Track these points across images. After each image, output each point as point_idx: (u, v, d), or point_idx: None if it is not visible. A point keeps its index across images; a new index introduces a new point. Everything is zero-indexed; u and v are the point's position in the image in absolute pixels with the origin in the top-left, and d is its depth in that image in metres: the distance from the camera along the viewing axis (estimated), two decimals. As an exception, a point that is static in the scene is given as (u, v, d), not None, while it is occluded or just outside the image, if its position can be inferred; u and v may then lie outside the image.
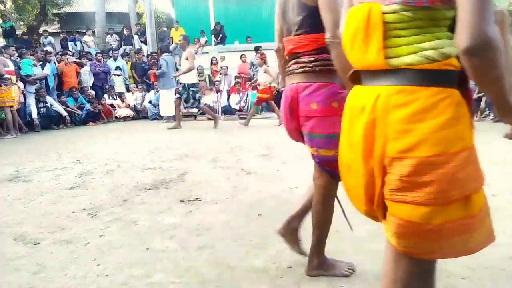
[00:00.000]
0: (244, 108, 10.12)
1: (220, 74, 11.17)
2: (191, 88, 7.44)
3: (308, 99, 1.60)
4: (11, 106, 7.38)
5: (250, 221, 2.55)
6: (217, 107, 10.22)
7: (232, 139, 5.92)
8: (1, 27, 12.92)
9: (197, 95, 7.56)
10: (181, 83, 7.64)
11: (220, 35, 13.08)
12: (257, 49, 11.40)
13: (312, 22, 1.53)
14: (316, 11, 1.49)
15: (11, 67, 7.60)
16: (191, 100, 7.52)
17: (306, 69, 1.60)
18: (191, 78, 7.47)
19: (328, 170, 1.69)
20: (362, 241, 2.16)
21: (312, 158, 1.74)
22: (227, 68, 11.30)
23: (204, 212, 2.75)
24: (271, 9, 17.46)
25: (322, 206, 1.76)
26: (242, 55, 11.73)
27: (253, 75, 11.17)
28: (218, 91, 10.57)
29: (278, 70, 2.05)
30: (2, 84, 7.25)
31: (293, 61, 1.67)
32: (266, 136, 6.18)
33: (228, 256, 2.06)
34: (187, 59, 7.35)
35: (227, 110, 10.23)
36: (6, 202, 3.15)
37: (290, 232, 1.95)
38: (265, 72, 7.97)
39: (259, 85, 8.09)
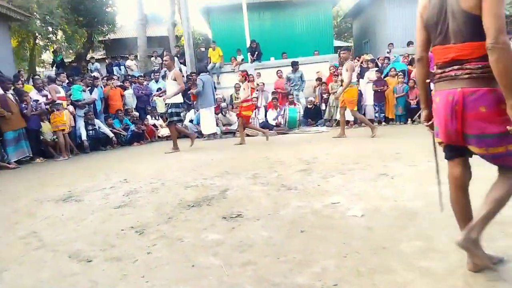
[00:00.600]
0: (282, 123, 10.16)
1: (257, 90, 11.31)
2: (174, 109, 7.13)
3: (476, 103, 1.68)
4: (63, 130, 7.87)
5: (293, 237, 2.54)
6: (255, 123, 10.34)
7: (271, 155, 5.94)
8: (53, 60, 13.93)
9: (181, 114, 7.33)
10: (166, 103, 7.36)
11: (256, 52, 13.31)
12: (294, 64, 11.51)
13: (475, 30, 1.63)
14: (479, 19, 1.59)
15: (62, 93, 8.15)
16: (172, 118, 7.19)
17: (473, 75, 1.68)
18: (175, 98, 7.11)
19: (502, 164, 1.78)
20: (411, 258, 2.09)
21: (482, 157, 1.81)
22: (263, 84, 11.44)
23: (247, 228, 2.77)
24: (304, 25, 17.62)
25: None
26: (278, 70, 11.86)
27: (290, 90, 11.24)
28: (255, 107, 10.70)
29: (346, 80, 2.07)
30: (54, 110, 7.77)
31: (455, 67, 1.74)
32: (305, 150, 6.16)
33: (272, 273, 2.06)
34: (175, 80, 7.05)
35: (265, 126, 10.31)
36: (60, 221, 3.34)
37: (472, 243, 1.77)
38: (244, 89, 7.86)
39: (243, 102, 7.85)
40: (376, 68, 10.23)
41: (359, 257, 2.16)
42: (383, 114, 9.93)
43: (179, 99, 7.26)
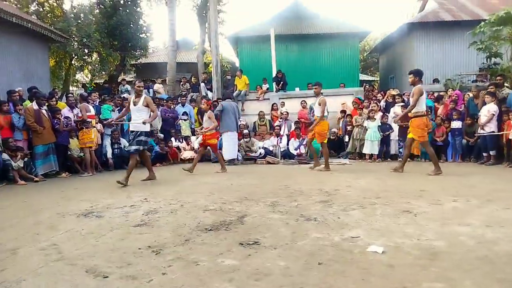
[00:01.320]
0: (304, 153, 10.13)
1: (281, 119, 11.40)
2: (143, 137, 6.40)
3: None
4: (90, 147, 8.11)
5: (310, 269, 2.48)
6: (276, 151, 10.35)
7: (292, 184, 5.91)
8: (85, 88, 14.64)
9: (144, 144, 6.49)
10: (132, 131, 6.53)
11: (281, 82, 13.50)
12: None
13: None
14: None
15: (92, 112, 8.46)
16: (133, 146, 6.39)
17: None
18: (145, 126, 6.37)
19: None
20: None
21: None
22: (287, 113, 11.53)
23: (263, 256, 2.73)
24: (330, 58, 17.85)
25: None
26: (302, 101, 11.95)
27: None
28: (277, 135, 10.76)
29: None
30: (84, 127, 8.05)
31: None
32: (326, 181, 6.09)
33: (287, 304, 2.01)
34: (146, 106, 6.38)
35: (287, 154, 10.31)
36: (80, 236, 3.39)
37: None
38: (209, 118, 7.82)
39: (206, 131, 7.78)
40: (402, 103, 10.15)
41: (378, 294, 2.09)
42: (408, 150, 9.76)
43: (148, 127, 6.47)
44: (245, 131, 10.59)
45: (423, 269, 2.41)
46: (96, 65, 18.17)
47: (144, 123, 6.27)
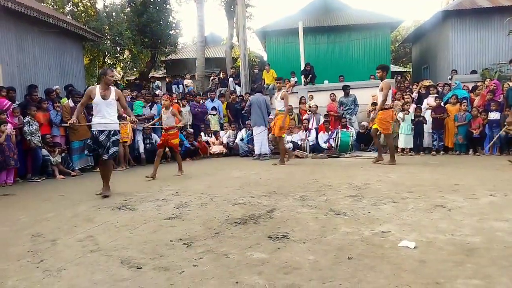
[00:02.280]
0: (333, 146, 10.00)
1: (309, 112, 11.30)
2: (116, 136, 5.18)
3: None
4: (125, 142, 8.35)
5: (340, 263, 2.47)
6: (305, 145, 10.29)
7: (320, 178, 5.86)
8: (117, 85, 15.07)
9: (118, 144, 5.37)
10: (101, 130, 5.08)
11: (310, 75, 13.36)
12: (344, 88, 11.40)
13: None
14: None
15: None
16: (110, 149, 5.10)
17: None
18: (117, 124, 5.27)
19: None
20: (467, 297, 1.94)
21: None
22: (316, 107, 11.41)
23: (292, 250, 2.73)
24: (360, 49, 17.45)
25: None
26: (331, 94, 11.80)
27: (343, 113, 11.11)
28: (306, 129, 10.68)
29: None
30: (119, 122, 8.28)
31: None
32: (356, 175, 6.00)
33: (316, 298, 2.01)
34: (118, 100, 5.24)
35: (315, 148, 10.22)
36: (115, 228, 3.52)
37: None
38: (173, 115, 7.06)
39: (168, 130, 7.04)
40: (436, 95, 9.82)
41: (410, 290, 2.05)
42: (442, 143, 9.44)
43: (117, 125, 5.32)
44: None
45: (458, 265, 2.34)
46: (128, 62, 18.64)
47: (138, 122, 5.52)
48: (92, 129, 5.11)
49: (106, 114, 5.07)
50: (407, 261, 2.44)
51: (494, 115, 8.80)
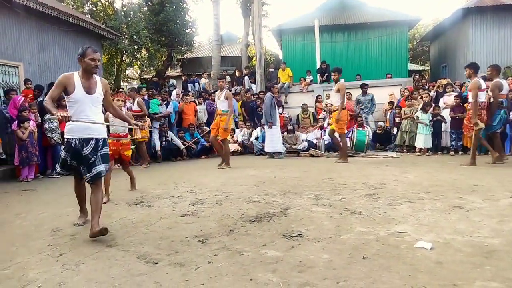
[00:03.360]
0: (349, 145, 9.92)
1: (325, 111, 11.23)
2: (105, 149, 3.45)
3: None
4: (144, 140, 8.26)
5: (354, 263, 2.45)
6: (320, 144, 10.23)
7: (336, 177, 5.82)
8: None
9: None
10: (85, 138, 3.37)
11: (326, 74, 13.26)
12: (362, 86, 11.28)
13: None
14: None
15: (144, 107, 8.73)
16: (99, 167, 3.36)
17: None
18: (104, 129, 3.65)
19: None
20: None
21: None
22: (332, 105, 11.31)
23: (307, 249, 2.73)
24: (378, 48, 17.23)
25: None
26: (347, 92, 11.67)
27: (359, 112, 11.00)
28: (321, 128, 10.62)
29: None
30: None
31: None
32: (371, 175, 5.94)
33: (331, 297, 2.01)
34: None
35: (331, 147, 10.15)
36: (132, 224, 3.58)
37: None
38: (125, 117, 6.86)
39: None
40: (455, 94, 9.62)
41: (426, 291, 2.02)
42: (461, 143, 9.25)
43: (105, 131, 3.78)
44: (290, 127, 10.51)
45: (476, 267, 2.30)
46: (145, 61, 18.87)
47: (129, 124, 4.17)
48: (68, 136, 3.36)
49: (92, 116, 3.37)
50: (423, 262, 2.41)
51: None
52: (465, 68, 6.89)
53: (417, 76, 12.96)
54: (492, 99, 6.75)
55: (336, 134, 8.27)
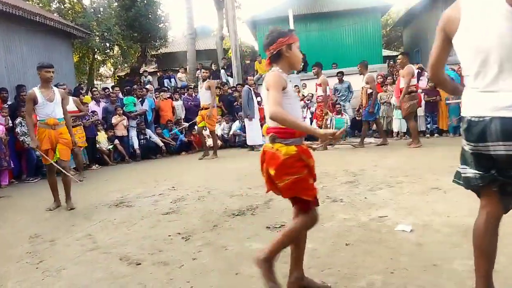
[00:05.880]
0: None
1: (308, 101, 11.30)
2: None
3: None
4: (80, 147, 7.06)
5: (338, 250, 2.49)
6: (300, 134, 10.29)
7: (317, 166, 5.86)
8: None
9: None
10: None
11: (302, 63, 13.28)
12: (339, 74, 11.37)
13: None
14: None
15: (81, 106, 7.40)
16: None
17: None
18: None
19: None
20: (464, 277, 1.96)
21: None
22: (312, 95, 11.39)
23: (290, 239, 2.75)
24: (352, 35, 17.37)
25: None
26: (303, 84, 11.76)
27: (336, 100, 11.10)
28: (303, 118, 10.68)
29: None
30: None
31: None
32: (351, 162, 6.02)
33: (316, 285, 2.02)
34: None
35: (310, 136, 10.21)
36: (113, 225, 3.52)
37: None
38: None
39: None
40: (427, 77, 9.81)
41: (407, 273, 2.07)
42: (436, 125, 9.48)
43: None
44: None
45: (455, 246, 2.37)
46: (118, 58, 18.45)
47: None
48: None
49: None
50: (404, 245, 2.47)
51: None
52: (399, 56, 7.80)
53: (391, 62, 13.16)
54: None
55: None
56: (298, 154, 1.96)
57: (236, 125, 10.77)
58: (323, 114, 8.38)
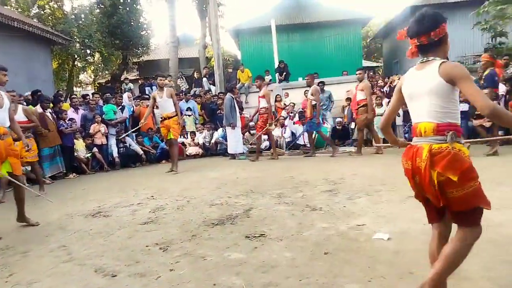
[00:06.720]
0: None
1: (291, 112, 11.39)
2: None
3: None
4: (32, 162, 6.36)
5: (316, 259, 2.49)
6: (281, 142, 10.34)
7: (297, 175, 5.89)
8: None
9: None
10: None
11: (284, 73, 13.43)
12: (320, 84, 11.52)
13: None
14: None
15: (33, 116, 6.64)
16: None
17: None
18: None
19: None
20: None
21: None
22: (294, 104, 11.50)
23: (269, 248, 2.74)
24: (333, 46, 17.67)
25: None
26: (305, 90, 11.87)
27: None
28: (282, 126, 10.73)
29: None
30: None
31: None
32: (331, 170, 6.07)
33: (294, 295, 2.02)
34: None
35: (291, 145, 10.28)
36: (89, 236, 3.43)
37: None
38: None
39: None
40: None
41: (384, 282, 2.09)
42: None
43: None
44: (251, 123, 10.54)
45: (430, 254, 2.40)
46: (99, 65, 18.22)
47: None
48: None
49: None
50: (382, 253, 2.49)
51: (463, 107, 9.09)
52: (358, 71, 8.38)
53: (371, 73, 13.43)
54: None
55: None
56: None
57: (219, 133, 10.75)
58: (268, 125, 8.60)
